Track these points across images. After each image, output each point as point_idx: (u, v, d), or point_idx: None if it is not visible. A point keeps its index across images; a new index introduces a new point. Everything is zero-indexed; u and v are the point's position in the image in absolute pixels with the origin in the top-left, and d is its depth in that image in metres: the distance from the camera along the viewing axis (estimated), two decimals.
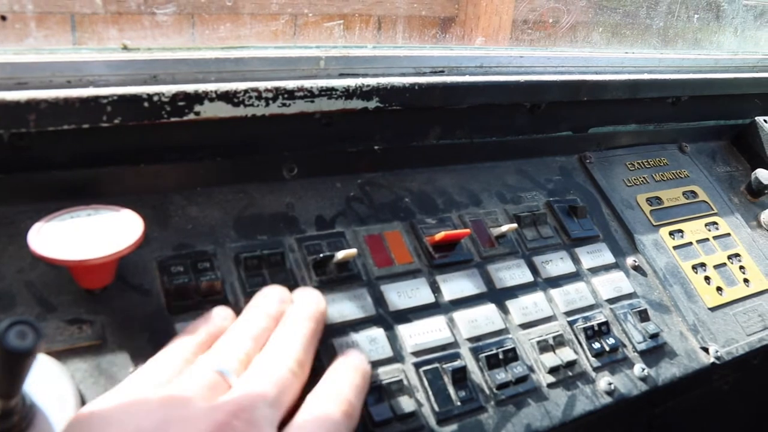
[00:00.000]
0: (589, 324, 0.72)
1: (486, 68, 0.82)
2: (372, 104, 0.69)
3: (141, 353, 0.53)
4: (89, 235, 0.54)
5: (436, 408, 0.59)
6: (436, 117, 0.77)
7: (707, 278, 0.86)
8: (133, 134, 0.60)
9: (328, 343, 0.59)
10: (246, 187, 0.67)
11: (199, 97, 0.60)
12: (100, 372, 0.51)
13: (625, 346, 0.73)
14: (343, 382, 0.53)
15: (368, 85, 0.68)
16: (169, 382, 0.48)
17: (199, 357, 0.51)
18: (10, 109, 0.54)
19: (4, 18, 0.58)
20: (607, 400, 0.68)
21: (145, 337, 0.54)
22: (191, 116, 0.60)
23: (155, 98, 0.58)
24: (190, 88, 0.60)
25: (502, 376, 0.64)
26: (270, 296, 0.57)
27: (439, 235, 0.69)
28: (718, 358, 0.78)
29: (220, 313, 0.56)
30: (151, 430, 0.42)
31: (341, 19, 0.76)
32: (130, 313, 0.56)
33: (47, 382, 0.48)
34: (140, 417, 0.44)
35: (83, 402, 0.49)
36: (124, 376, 0.50)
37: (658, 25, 1.08)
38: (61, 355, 0.51)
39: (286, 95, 0.64)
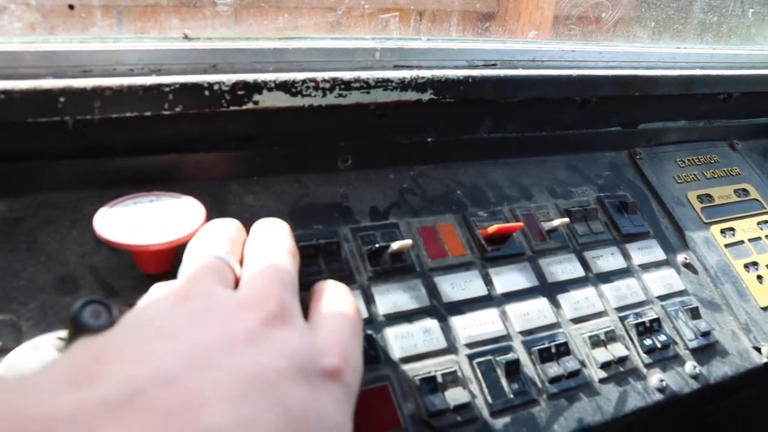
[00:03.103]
0: (640, 320, 0.72)
1: (538, 62, 0.82)
2: (426, 96, 0.69)
3: None
4: (151, 220, 0.55)
5: (490, 400, 0.59)
6: (488, 110, 0.76)
7: (759, 277, 0.85)
8: (193, 122, 0.61)
9: (383, 333, 0.59)
10: (301, 177, 0.68)
11: (258, 87, 0.61)
12: None
13: (676, 343, 0.73)
14: (340, 297, 0.50)
15: (423, 77, 0.68)
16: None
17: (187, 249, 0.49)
18: (76, 95, 0.55)
19: (72, 7, 0.59)
20: (659, 396, 0.68)
21: None
22: (250, 105, 0.61)
23: (215, 87, 0.59)
24: (249, 77, 0.60)
25: (554, 369, 0.63)
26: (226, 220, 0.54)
27: (492, 228, 0.68)
28: None
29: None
30: (179, 350, 0.35)
31: (396, 12, 0.76)
32: None
33: None
34: (166, 318, 0.39)
35: None
36: None
37: (710, 20, 1.06)
38: None
39: (342, 86, 0.64)
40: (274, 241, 0.51)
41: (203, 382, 0.34)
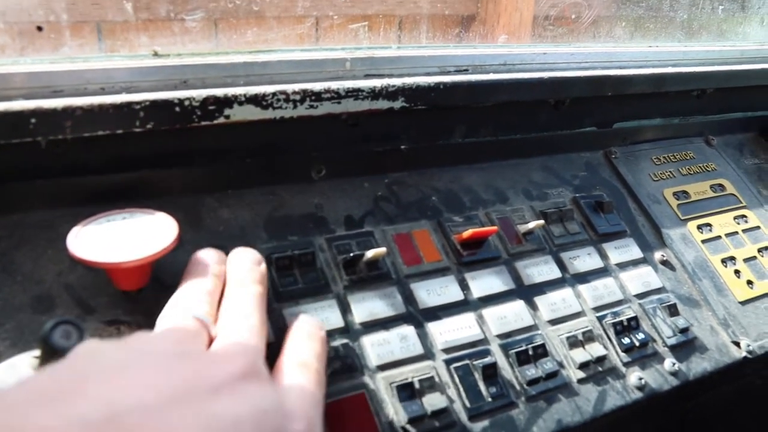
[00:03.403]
0: (618, 319, 0.72)
1: (510, 66, 0.83)
2: (398, 104, 0.69)
3: None
4: (125, 238, 0.55)
5: (468, 404, 0.60)
6: (461, 115, 0.77)
7: (737, 272, 0.86)
8: (165, 138, 0.61)
9: (359, 341, 0.60)
10: (275, 189, 0.68)
11: (228, 101, 0.61)
12: None
13: (655, 340, 0.73)
14: (306, 352, 0.51)
15: (394, 86, 0.68)
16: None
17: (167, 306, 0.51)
18: (47, 116, 0.55)
19: (40, 29, 0.60)
20: (638, 395, 0.68)
21: None
22: (221, 119, 0.61)
23: (186, 103, 0.59)
24: (219, 92, 0.61)
25: (532, 372, 0.64)
26: (209, 257, 0.56)
27: (467, 233, 0.69)
28: (750, 352, 0.77)
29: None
30: (158, 385, 0.36)
31: (365, 21, 0.76)
32: None
33: None
34: (149, 355, 0.40)
35: None
36: None
37: (681, 18, 1.07)
38: None
39: (313, 97, 0.65)
40: (246, 302, 0.52)
41: (180, 419, 0.35)
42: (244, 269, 0.56)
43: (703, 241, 0.87)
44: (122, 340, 0.43)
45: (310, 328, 0.54)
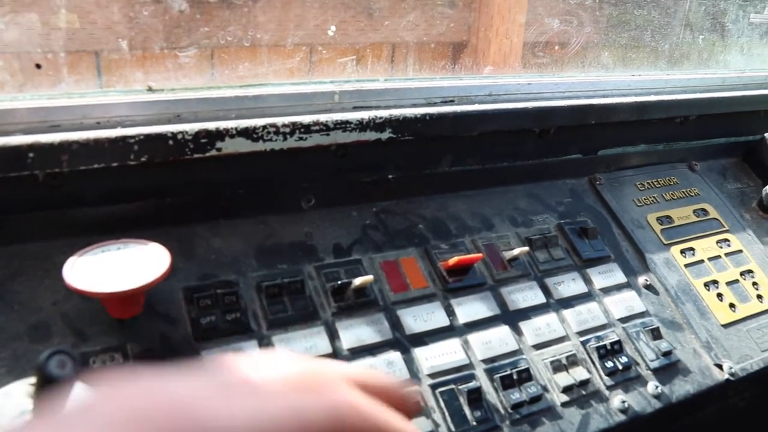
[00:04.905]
0: (601, 343, 0.74)
1: (495, 96, 0.85)
2: (385, 135, 0.72)
3: None
4: (119, 267, 0.57)
5: (452, 428, 0.61)
6: (448, 145, 0.79)
7: (720, 295, 0.87)
8: (159, 171, 0.63)
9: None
10: (266, 219, 0.70)
11: (220, 134, 0.63)
12: None
13: (638, 364, 0.75)
14: None
15: (381, 117, 0.71)
16: None
17: None
18: (44, 150, 0.57)
19: (39, 66, 0.62)
20: (621, 417, 0.70)
21: (173, 364, 0.57)
22: (213, 152, 0.63)
23: (179, 136, 0.62)
24: (211, 125, 0.63)
25: (516, 396, 0.66)
26: None
27: (453, 260, 0.71)
28: (732, 374, 0.79)
29: None
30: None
31: (359, 52, 0.79)
32: (158, 341, 0.58)
33: None
34: None
35: None
36: None
37: (663, 47, 1.10)
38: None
39: (302, 129, 0.67)
40: None
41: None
42: None
43: (686, 265, 0.89)
44: None
45: None
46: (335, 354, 0.62)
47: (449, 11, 1.13)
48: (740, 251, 0.95)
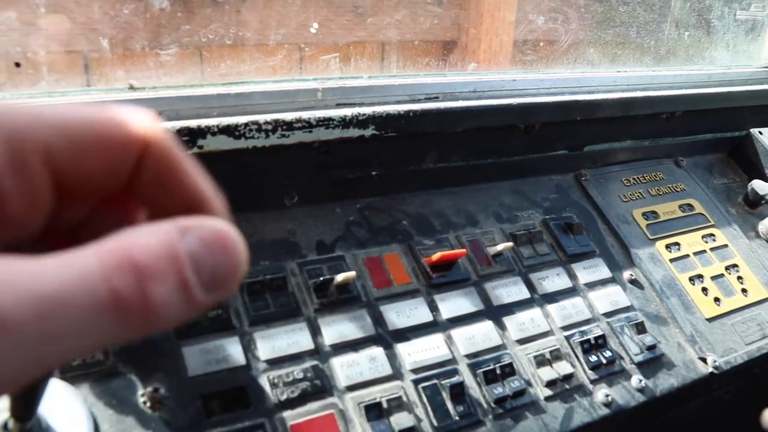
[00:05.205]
0: (585, 338, 0.74)
1: (479, 92, 0.85)
2: (368, 132, 0.72)
3: (150, 377, 0.55)
4: None
5: (435, 423, 0.61)
6: (432, 142, 0.80)
7: (704, 289, 0.88)
8: None
9: (329, 363, 0.62)
10: (249, 216, 0.70)
11: (201, 132, 0.63)
12: (112, 395, 0.54)
13: (622, 358, 0.75)
14: None
15: (364, 114, 0.71)
16: None
17: None
18: None
19: (18, 65, 0.62)
20: (605, 411, 0.70)
21: (154, 361, 0.57)
22: (195, 150, 0.63)
23: None
24: (193, 123, 0.63)
25: (499, 390, 0.66)
26: None
27: (436, 256, 0.71)
28: (716, 367, 0.79)
29: None
30: None
31: (348, 48, 0.79)
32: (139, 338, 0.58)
33: (61, 405, 0.51)
34: None
35: (96, 424, 0.52)
36: (135, 398, 0.53)
37: (649, 43, 1.10)
38: (73, 379, 0.54)
39: (285, 126, 0.67)
40: None
41: None
42: None
43: (672, 260, 0.89)
44: None
45: None
46: (317, 350, 0.62)
47: (437, 9, 1.14)
48: (725, 246, 0.95)
